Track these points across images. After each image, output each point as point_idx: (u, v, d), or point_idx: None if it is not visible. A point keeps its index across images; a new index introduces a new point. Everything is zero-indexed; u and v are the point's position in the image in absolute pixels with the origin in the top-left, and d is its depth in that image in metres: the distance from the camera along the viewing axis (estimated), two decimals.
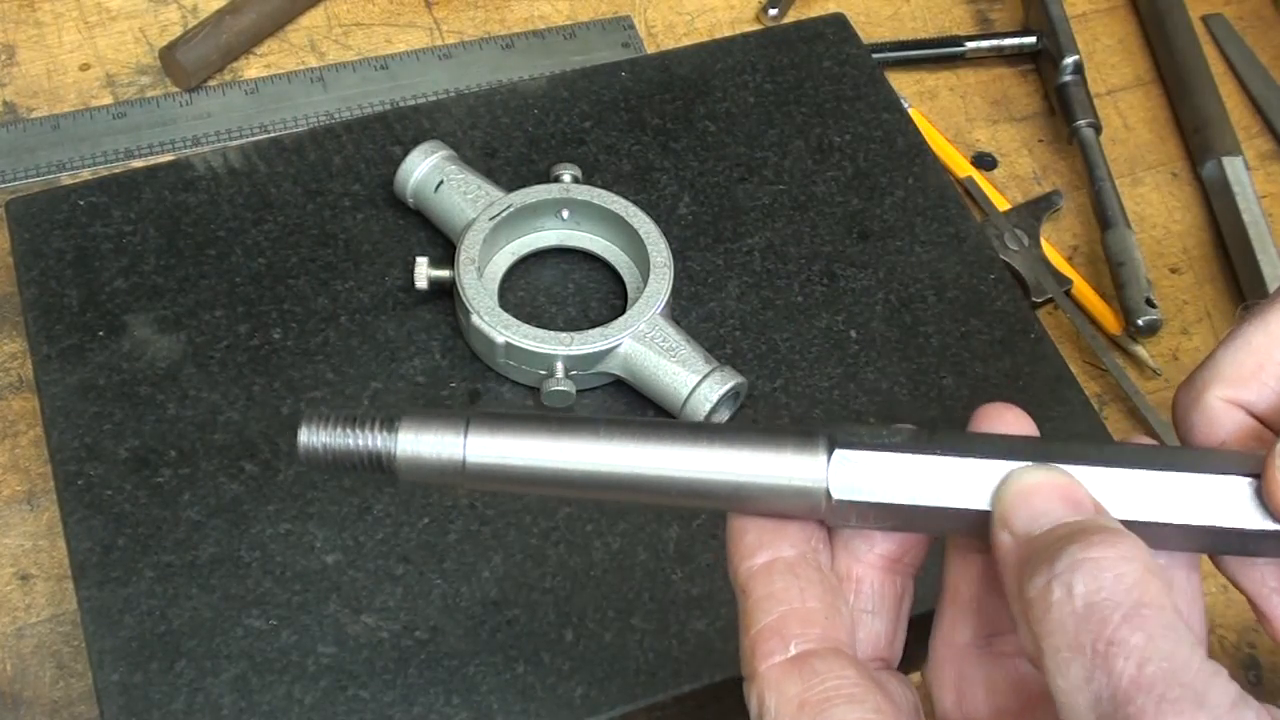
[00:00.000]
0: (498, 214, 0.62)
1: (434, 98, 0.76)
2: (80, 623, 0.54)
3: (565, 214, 0.64)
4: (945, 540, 0.38)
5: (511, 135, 0.69)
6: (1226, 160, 0.77)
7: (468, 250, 0.61)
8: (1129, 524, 0.33)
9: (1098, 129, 0.78)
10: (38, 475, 0.62)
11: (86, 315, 0.61)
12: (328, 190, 0.66)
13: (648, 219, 0.63)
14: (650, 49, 0.81)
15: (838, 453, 0.35)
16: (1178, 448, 0.37)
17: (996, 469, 0.34)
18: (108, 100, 0.77)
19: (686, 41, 0.81)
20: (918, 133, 0.71)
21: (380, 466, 0.35)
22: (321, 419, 0.35)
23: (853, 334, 0.63)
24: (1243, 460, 0.35)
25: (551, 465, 0.35)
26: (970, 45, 0.82)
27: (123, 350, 0.60)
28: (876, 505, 0.35)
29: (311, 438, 0.35)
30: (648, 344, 0.59)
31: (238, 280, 0.63)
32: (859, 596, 0.37)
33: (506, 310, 0.60)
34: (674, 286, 0.61)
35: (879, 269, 0.65)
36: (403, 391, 0.60)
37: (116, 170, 0.72)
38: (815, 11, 0.82)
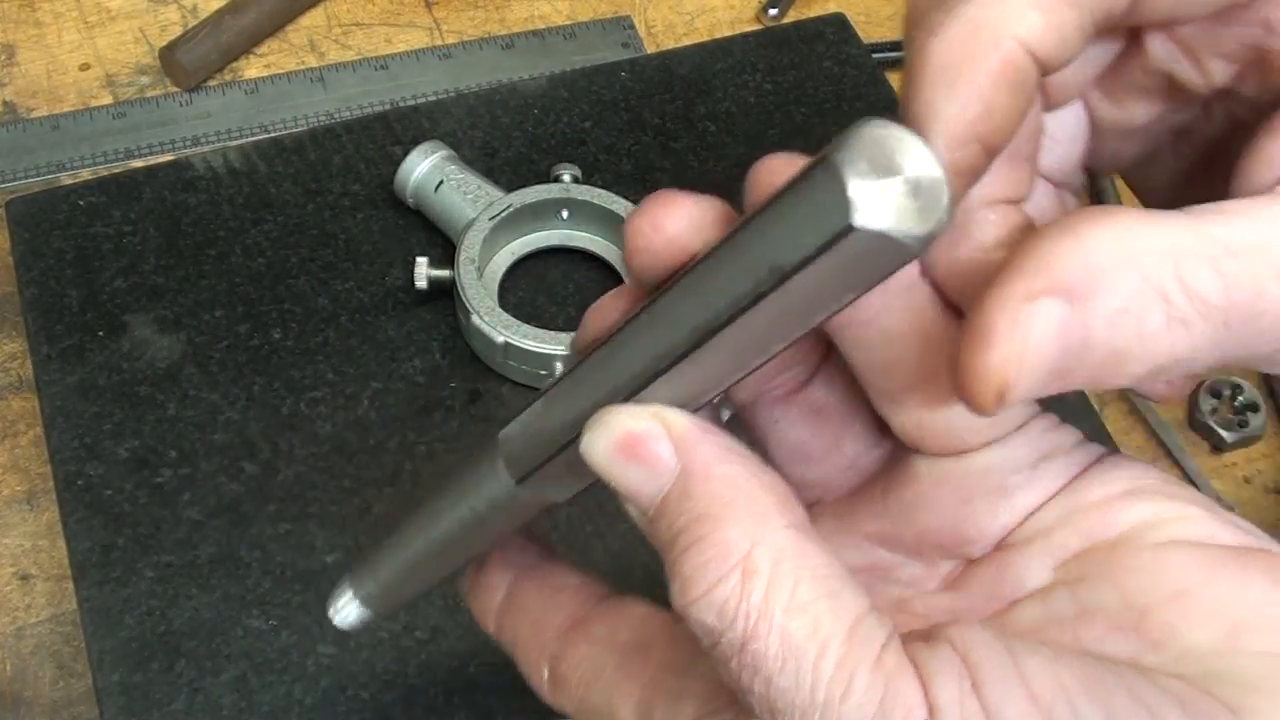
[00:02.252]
0: (498, 214, 0.62)
1: (434, 98, 0.76)
2: (80, 623, 0.54)
3: (565, 214, 0.64)
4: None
5: (511, 135, 0.69)
6: None
7: (468, 250, 0.61)
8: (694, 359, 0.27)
9: None
10: (38, 475, 0.62)
11: (86, 315, 0.61)
12: (328, 190, 0.66)
13: None
14: (650, 49, 0.81)
15: (501, 433, 0.32)
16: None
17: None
18: (108, 100, 0.77)
19: (686, 41, 0.81)
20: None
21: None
22: None
23: None
24: None
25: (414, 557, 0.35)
26: None
27: (123, 350, 0.60)
28: (551, 468, 0.31)
29: None
30: None
31: (238, 280, 0.63)
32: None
33: (506, 310, 0.60)
34: None
35: None
36: (403, 392, 0.60)
37: (116, 170, 0.72)
38: (815, 11, 0.82)
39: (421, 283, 0.61)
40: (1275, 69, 0.30)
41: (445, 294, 0.62)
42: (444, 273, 0.61)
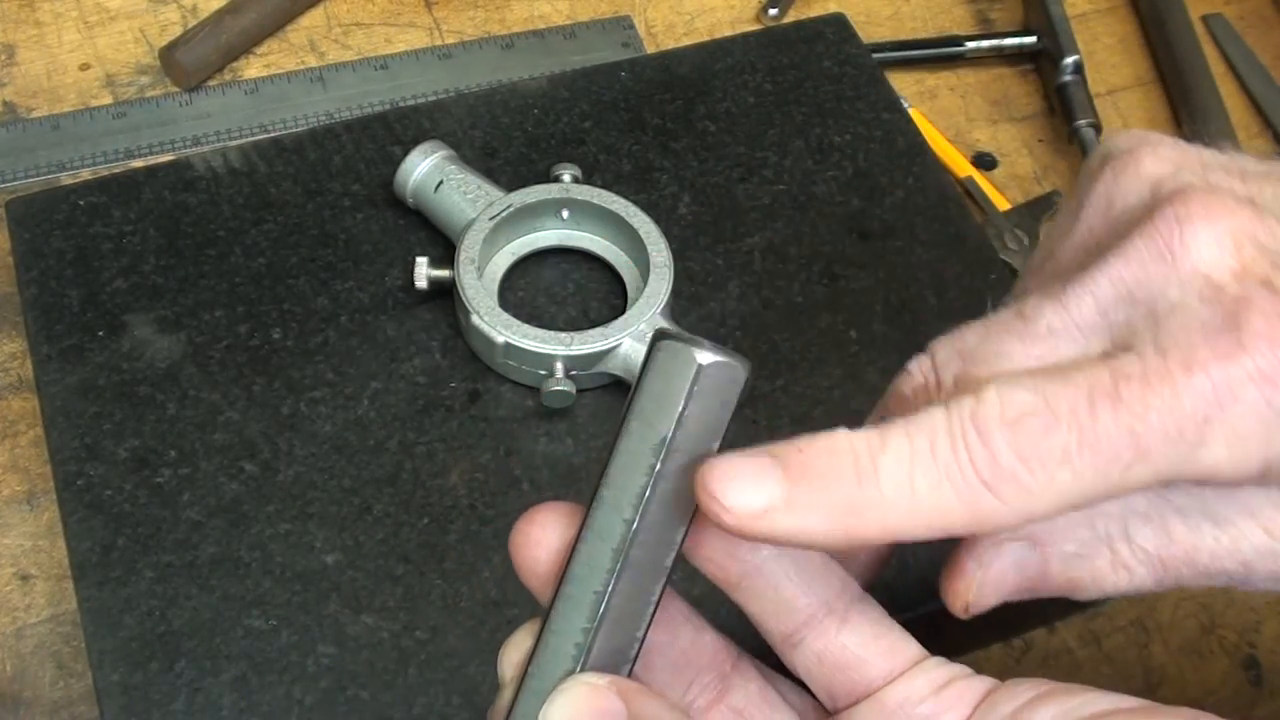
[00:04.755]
0: (498, 214, 0.62)
1: (434, 98, 0.76)
2: (80, 623, 0.54)
3: (565, 214, 0.64)
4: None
5: (511, 135, 0.69)
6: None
7: (468, 250, 0.61)
8: (626, 575, 0.33)
9: (1098, 129, 0.78)
10: (38, 475, 0.62)
11: (86, 315, 0.61)
12: (328, 190, 0.66)
13: (648, 219, 0.63)
14: (650, 49, 0.81)
15: None
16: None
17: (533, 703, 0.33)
18: (108, 100, 0.77)
19: (686, 41, 0.81)
20: (918, 133, 0.71)
21: None
22: None
23: (853, 334, 0.63)
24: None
25: None
26: (970, 45, 0.82)
27: (123, 350, 0.60)
28: None
29: None
30: (648, 344, 0.59)
31: (238, 280, 0.63)
32: None
33: (506, 310, 0.60)
34: (674, 286, 0.61)
35: (879, 269, 0.65)
36: (403, 392, 0.60)
37: (116, 170, 0.72)
38: (815, 11, 0.82)
39: (421, 283, 0.61)
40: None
41: (445, 294, 0.62)
42: (444, 273, 0.61)
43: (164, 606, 0.53)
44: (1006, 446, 0.31)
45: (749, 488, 0.31)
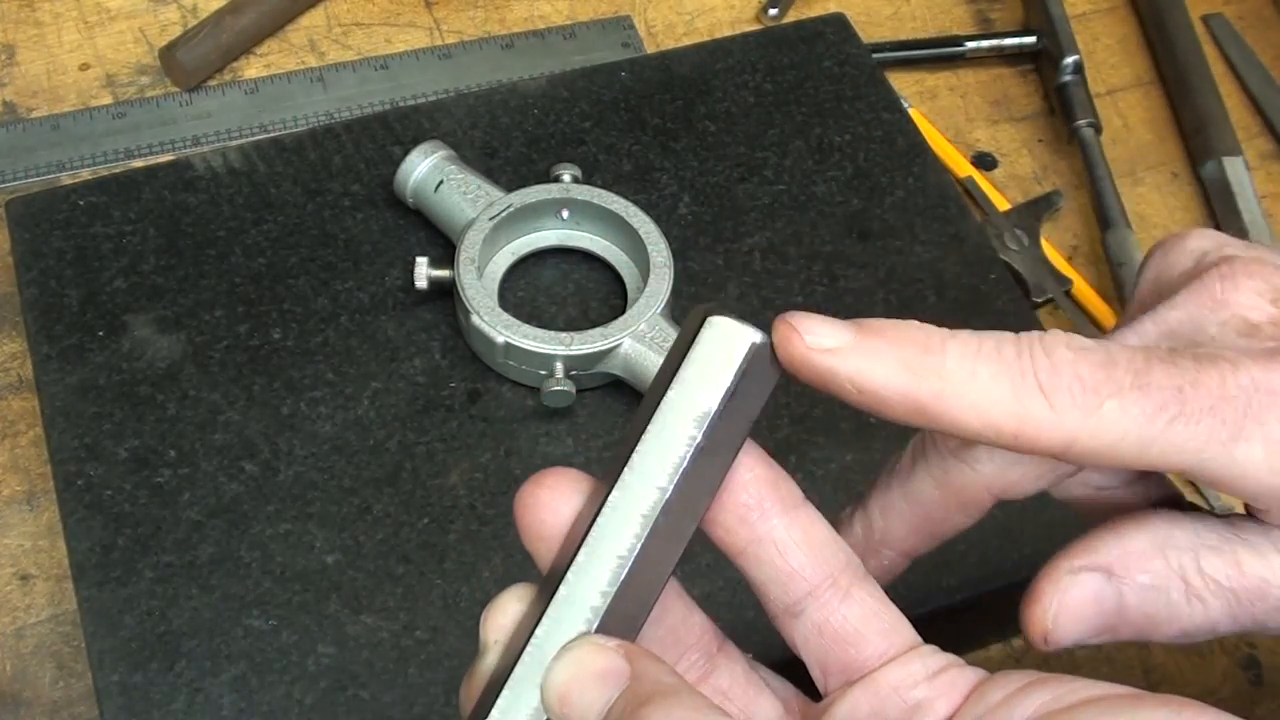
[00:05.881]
0: (498, 214, 0.62)
1: (434, 98, 0.76)
2: (80, 623, 0.54)
3: (565, 214, 0.64)
4: None
5: (511, 135, 0.69)
6: (1227, 160, 0.77)
7: (468, 250, 0.61)
8: (650, 543, 0.33)
9: (1098, 129, 0.78)
10: (38, 475, 0.62)
11: (86, 315, 0.61)
12: (328, 190, 0.66)
13: (648, 219, 0.63)
14: (650, 49, 0.81)
15: None
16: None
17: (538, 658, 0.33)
18: (108, 100, 0.77)
19: (686, 41, 0.81)
20: (918, 133, 0.71)
21: None
22: None
23: None
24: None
25: None
26: (970, 45, 0.82)
27: (123, 350, 0.60)
28: None
29: None
30: (648, 344, 0.59)
31: (238, 280, 0.63)
32: None
33: (506, 310, 0.60)
34: (674, 286, 0.61)
35: (879, 269, 0.65)
36: (403, 392, 0.60)
37: (116, 170, 0.72)
38: (815, 11, 0.82)
39: (421, 283, 0.61)
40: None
41: (445, 294, 0.62)
42: (444, 273, 0.61)
43: (164, 606, 0.53)
44: (1067, 364, 0.33)
45: (826, 328, 0.34)
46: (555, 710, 0.33)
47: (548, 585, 0.34)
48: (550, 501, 0.35)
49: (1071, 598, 0.37)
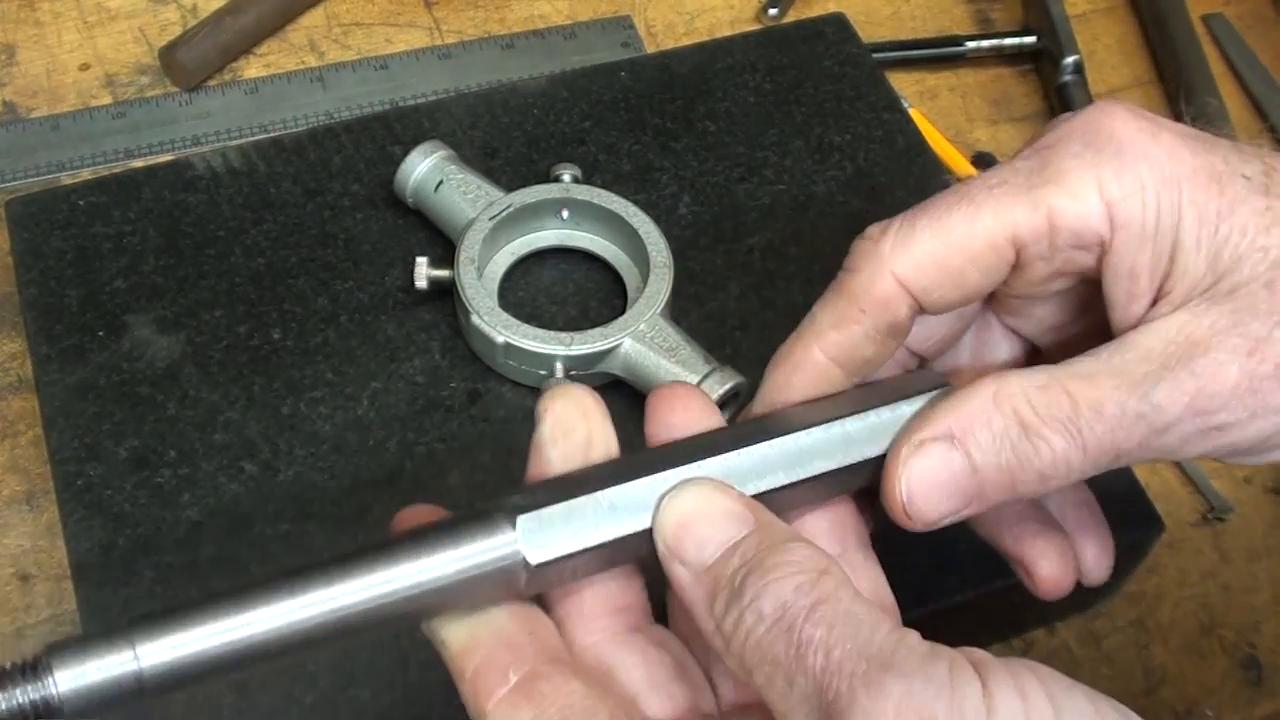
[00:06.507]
0: (498, 214, 0.62)
1: (434, 98, 0.76)
2: (80, 623, 0.54)
3: (565, 214, 0.64)
4: None
5: (511, 135, 0.69)
6: None
7: (468, 250, 0.61)
8: (780, 491, 0.37)
9: None
10: (38, 475, 0.62)
11: (86, 315, 0.61)
12: (328, 190, 0.66)
13: (648, 219, 0.63)
14: (650, 49, 0.81)
15: (521, 519, 0.35)
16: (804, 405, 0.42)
17: (658, 485, 0.36)
18: (108, 100, 0.77)
19: (686, 41, 0.81)
20: (918, 133, 0.71)
21: (44, 716, 0.31)
22: None
23: None
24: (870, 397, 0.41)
25: (239, 640, 0.33)
26: (970, 45, 0.82)
27: (123, 350, 0.60)
28: (572, 556, 0.35)
29: None
30: (648, 344, 0.59)
31: (238, 280, 0.63)
32: None
33: (506, 310, 0.60)
34: (674, 286, 0.61)
35: None
36: (403, 392, 0.60)
37: (116, 170, 0.72)
38: (815, 11, 0.82)
39: (421, 283, 0.61)
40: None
41: (445, 294, 0.62)
42: (444, 273, 0.61)
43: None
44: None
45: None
46: (670, 534, 0.35)
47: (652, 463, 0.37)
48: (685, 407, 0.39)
49: (918, 469, 0.38)
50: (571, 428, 0.38)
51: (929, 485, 0.38)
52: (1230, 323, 0.37)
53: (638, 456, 0.38)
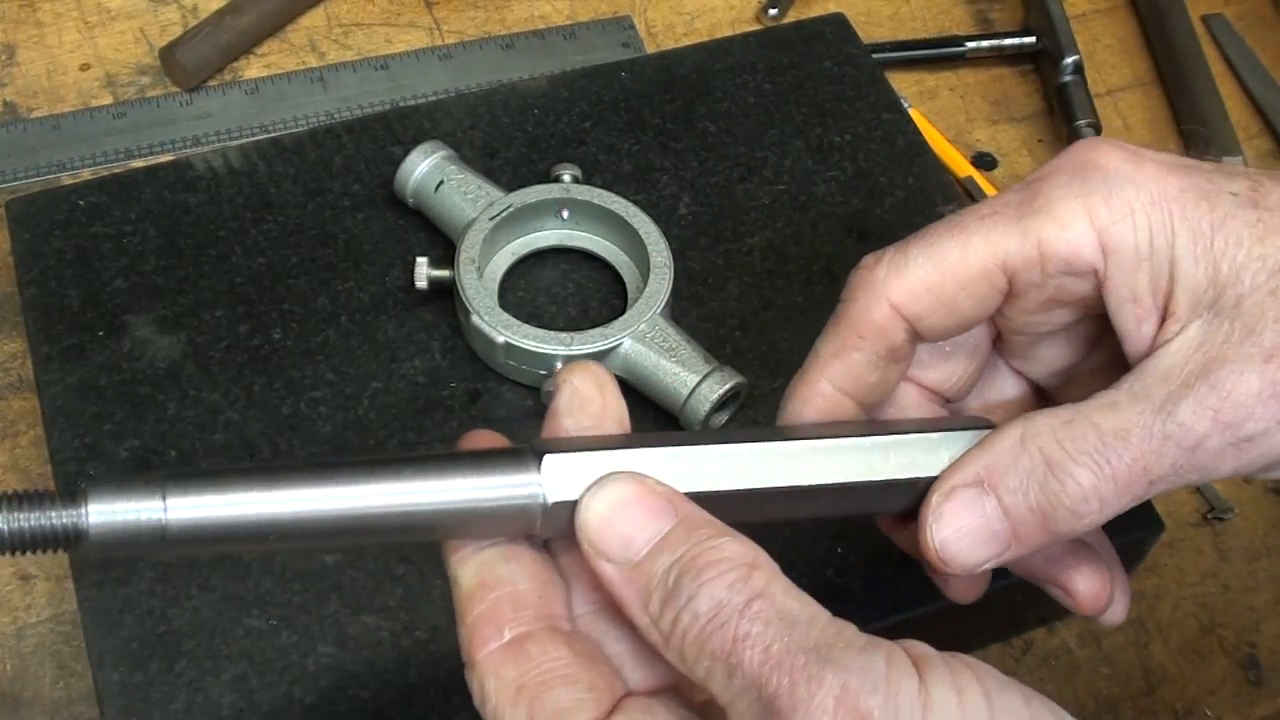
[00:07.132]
0: (498, 214, 0.62)
1: (434, 98, 0.76)
2: (80, 623, 0.54)
3: (565, 214, 0.64)
4: None
5: (511, 135, 0.69)
6: (1226, 160, 0.77)
7: (468, 250, 0.61)
8: (722, 495, 0.38)
9: (1098, 129, 0.78)
10: (38, 475, 0.62)
11: (86, 315, 0.61)
12: (328, 190, 0.66)
13: (648, 219, 0.63)
14: (650, 49, 0.81)
15: (547, 458, 0.36)
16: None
17: (680, 455, 0.37)
18: (108, 100, 0.77)
19: (686, 41, 0.81)
20: (918, 133, 0.71)
21: (69, 542, 0.33)
22: None
23: None
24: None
25: (262, 514, 0.34)
26: (970, 45, 0.82)
27: (123, 350, 0.60)
28: None
29: None
30: (648, 344, 0.59)
31: (238, 280, 0.63)
32: None
33: (506, 310, 0.60)
34: (674, 286, 0.61)
35: None
36: (403, 392, 0.60)
37: (116, 170, 0.72)
38: (815, 11, 0.82)
39: (421, 283, 0.61)
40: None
41: (445, 294, 0.62)
42: (444, 273, 0.61)
43: (164, 606, 0.53)
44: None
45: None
46: (593, 533, 0.35)
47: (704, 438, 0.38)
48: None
49: (949, 516, 0.39)
50: (588, 399, 0.39)
51: (961, 532, 0.39)
52: (1242, 333, 0.38)
53: (653, 435, 0.39)
